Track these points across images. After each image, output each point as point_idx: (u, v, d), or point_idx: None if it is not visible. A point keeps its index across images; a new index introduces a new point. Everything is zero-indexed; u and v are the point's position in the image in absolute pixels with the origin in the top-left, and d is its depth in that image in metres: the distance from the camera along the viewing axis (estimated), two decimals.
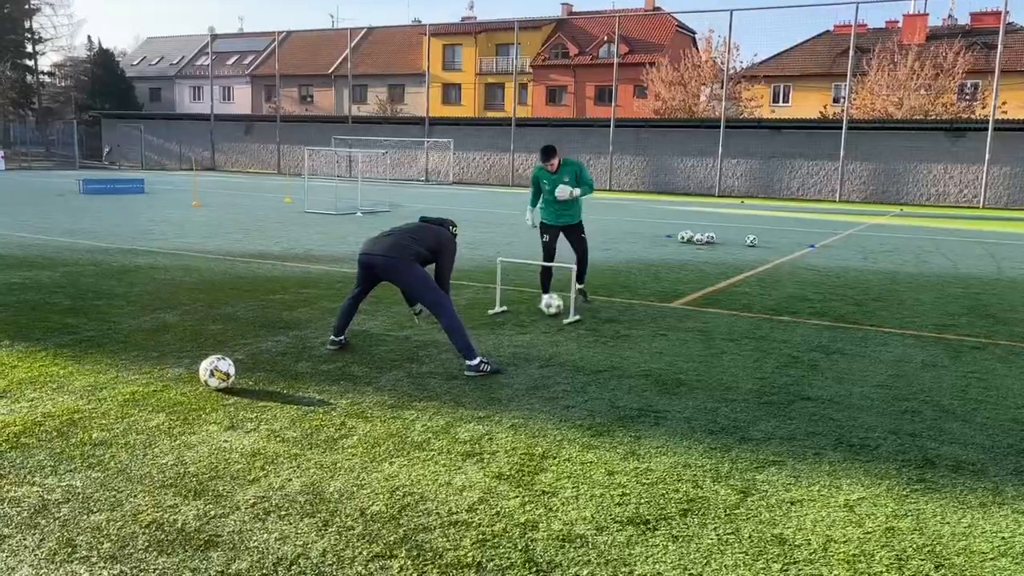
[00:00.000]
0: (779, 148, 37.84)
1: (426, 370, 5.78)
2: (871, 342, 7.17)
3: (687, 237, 15.58)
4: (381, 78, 62.79)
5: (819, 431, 4.75)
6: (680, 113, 45.66)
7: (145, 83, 72.63)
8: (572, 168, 8.04)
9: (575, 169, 8.04)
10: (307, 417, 4.68)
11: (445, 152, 44.40)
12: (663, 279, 10.62)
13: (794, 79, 51.73)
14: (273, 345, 6.34)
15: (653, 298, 9.10)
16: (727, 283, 10.44)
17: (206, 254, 11.63)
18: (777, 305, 8.88)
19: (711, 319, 8.00)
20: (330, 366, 5.81)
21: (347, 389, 5.26)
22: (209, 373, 5.07)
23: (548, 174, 8.04)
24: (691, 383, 5.67)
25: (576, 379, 5.67)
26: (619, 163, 41.10)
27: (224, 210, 20.19)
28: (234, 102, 68.67)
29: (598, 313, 8.11)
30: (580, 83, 56.44)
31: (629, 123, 41.87)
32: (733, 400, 5.31)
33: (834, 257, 13.87)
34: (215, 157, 52.74)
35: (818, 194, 37.10)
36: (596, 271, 11.02)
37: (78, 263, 10.33)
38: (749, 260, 13.00)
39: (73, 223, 15.56)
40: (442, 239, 6.02)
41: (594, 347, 6.65)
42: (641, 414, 4.95)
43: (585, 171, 8.15)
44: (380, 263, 5.75)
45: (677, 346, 6.78)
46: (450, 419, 4.74)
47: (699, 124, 40.56)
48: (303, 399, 5.02)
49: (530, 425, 4.68)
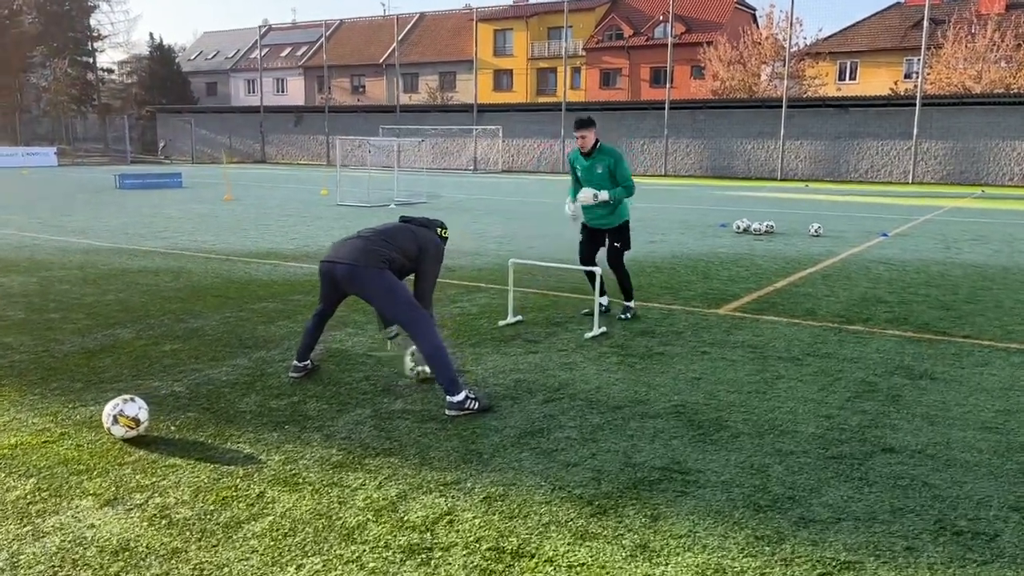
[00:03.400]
0: (846, 128, 35.64)
1: (398, 408, 4.61)
2: (967, 360, 5.75)
3: (743, 227, 14.11)
4: (432, 66, 61.86)
5: (910, 506, 3.44)
6: (739, 93, 43.62)
7: (201, 77, 73.14)
8: (607, 159, 6.60)
9: (610, 160, 6.59)
10: (218, 484, 3.56)
11: (494, 139, 43.23)
12: (712, 278, 9.26)
13: (862, 55, 49.06)
14: (226, 372, 5.26)
15: (698, 302, 7.78)
16: (787, 281, 9.04)
17: (209, 254, 10.68)
18: (847, 310, 7.47)
19: (766, 330, 6.65)
20: (282, 401, 4.69)
21: (289, 438, 4.13)
22: (112, 419, 4.00)
23: (582, 159, 6.72)
24: (735, 425, 4.39)
25: (586, 420, 4.44)
26: (675, 147, 39.39)
27: (254, 204, 19.38)
28: (287, 94, 68.63)
29: (630, 323, 6.83)
30: (635, 65, 54.57)
31: (685, 105, 40.07)
32: (790, 452, 4.02)
33: (911, 248, 12.27)
34: (265, 149, 52.57)
35: (889, 176, 34.86)
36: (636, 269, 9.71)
37: (65, 266, 9.47)
38: (813, 253, 11.51)
39: (91, 221, 14.85)
40: (425, 243, 4.82)
41: (617, 371, 5.40)
42: (664, 476, 3.71)
43: (623, 164, 6.64)
44: (341, 272, 4.59)
45: (721, 369, 5.48)
46: (405, 487, 3.57)
47: (759, 104, 38.54)
48: (226, 455, 3.91)
49: (510, 497, 3.48)
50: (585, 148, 6.61)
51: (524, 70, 58.45)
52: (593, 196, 6.54)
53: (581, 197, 6.58)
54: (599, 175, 6.61)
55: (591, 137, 6.56)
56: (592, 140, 6.59)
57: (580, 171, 6.73)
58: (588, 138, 6.55)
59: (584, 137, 6.54)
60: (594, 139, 6.60)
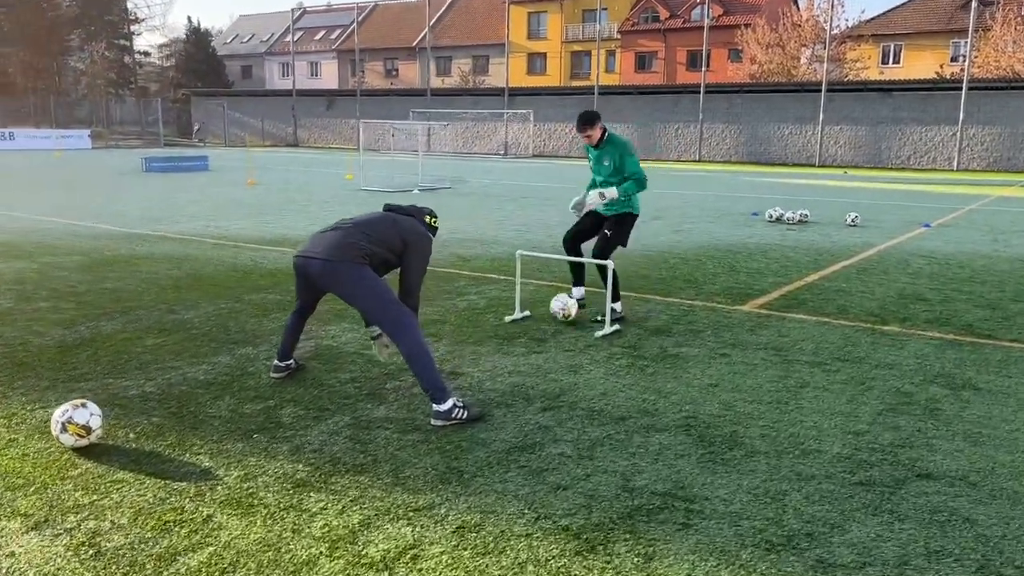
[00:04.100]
0: (888, 113, 34.52)
1: (381, 415, 4.22)
2: (1015, 369, 5.21)
3: (776, 216, 13.50)
4: (465, 49, 61.32)
5: (948, 547, 2.97)
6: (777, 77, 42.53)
7: (237, 61, 73.34)
8: (614, 151, 6.09)
9: (618, 153, 6.08)
10: (163, 505, 3.20)
11: (525, 124, 42.68)
12: (739, 270, 8.74)
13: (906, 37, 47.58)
14: (205, 370, 4.91)
15: (721, 298, 7.29)
16: (819, 275, 8.49)
17: (219, 240, 10.39)
18: (882, 308, 6.93)
19: (792, 329, 6.15)
20: (257, 406, 4.32)
21: (254, 449, 3.76)
22: (60, 427, 3.66)
23: (592, 150, 6.26)
24: (751, 442, 3.93)
25: (585, 433, 4.01)
26: (710, 131, 38.53)
27: (276, 188, 19.13)
28: (321, 78, 68.53)
29: (645, 321, 6.37)
30: (671, 48, 53.53)
31: (721, 88, 39.15)
32: (811, 476, 3.55)
33: (954, 239, 11.60)
34: (297, 133, 52.53)
35: (932, 163, 33.73)
36: (658, 260, 9.24)
37: (70, 252, 9.23)
38: (849, 244, 10.91)
39: (110, 204, 14.68)
40: (410, 235, 4.40)
41: (625, 376, 4.95)
42: (665, 504, 3.27)
43: (630, 158, 6.08)
44: (315, 268, 4.18)
45: (741, 374, 5.01)
46: (371, 512, 3.17)
47: (797, 88, 37.52)
48: (181, 468, 3.54)
49: (487, 527, 3.07)
50: (592, 143, 6.15)
51: (558, 53, 57.66)
52: (600, 196, 6.00)
53: (590, 202, 6.06)
54: (606, 168, 6.14)
55: (596, 133, 6.07)
56: (598, 135, 6.09)
57: (591, 161, 6.27)
58: (593, 136, 6.07)
59: (589, 136, 6.07)
60: (600, 132, 6.10)
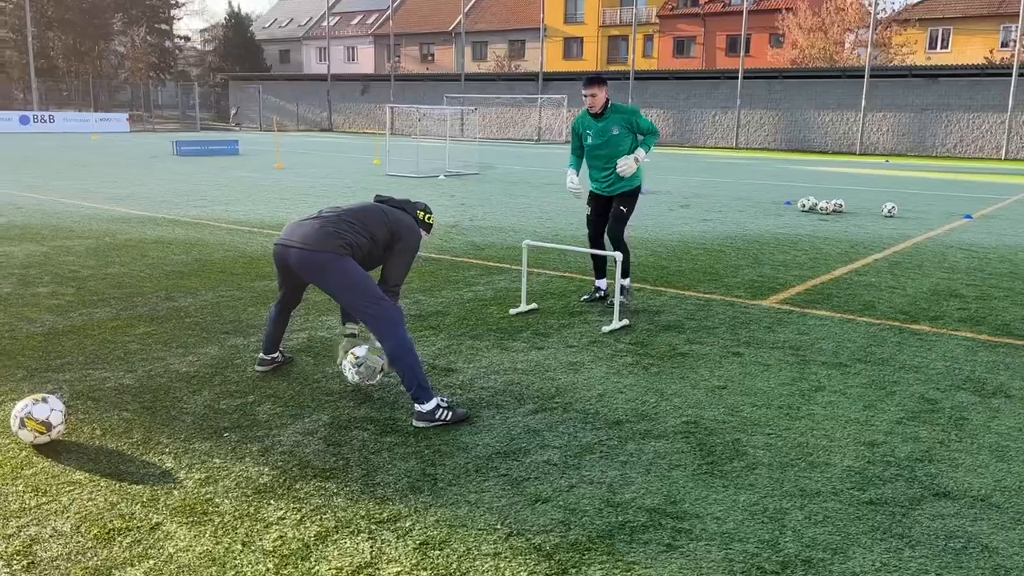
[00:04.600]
0: (934, 99, 33.48)
1: (361, 414, 4.00)
2: None
3: (809, 205, 13.04)
4: (501, 34, 60.86)
5: None
6: (819, 63, 41.50)
7: (275, 45, 73.65)
8: (623, 117, 5.88)
9: (626, 119, 5.87)
10: (112, 511, 3.00)
11: (559, 109, 42.23)
12: (764, 262, 8.37)
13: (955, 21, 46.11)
14: (190, 362, 4.73)
15: (741, 291, 6.95)
16: (848, 268, 8.10)
17: (233, 224, 10.26)
18: (913, 305, 6.55)
19: (813, 327, 5.81)
20: (234, 401, 4.13)
21: (222, 449, 3.56)
22: (19, 423, 3.49)
23: (592, 122, 5.97)
24: (754, 452, 3.64)
25: (575, 439, 3.75)
26: (748, 118, 37.75)
27: (302, 173, 19.04)
28: (357, 62, 68.53)
29: (657, 316, 6.07)
30: (710, 33, 52.55)
31: (760, 74, 38.31)
32: (816, 493, 3.25)
33: (996, 232, 11.07)
34: (332, 118, 52.61)
35: (979, 151, 32.67)
36: (679, 251, 8.90)
37: (83, 236, 9.16)
38: (883, 235, 10.45)
39: (134, 187, 14.67)
40: (399, 228, 4.15)
41: (628, 375, 4.67)
42: (651, 522, 3.00)
43: (641, 117, 5.94)
44: (294, 257, 3.96)
45: (752, 375, 4.70)
46: (332, 523, 2.95)
47: (839, 74, 36.55)
48: (141, 469, 3.35)
49: (453, 543, 2.83)
50: (595, 108, 5.87)
51: (595, 38, 56.97)
52: (635, 161, 5.79)
53: (622, 167, 5.80)
54: (616, 137, 5.86)
55: (602, 96, 5.81)
56: (603, 99, 5.84)
57: (591, 136, 5.96)
58: (599, 96, 5.80)
59: (594, 95, 5.79)
60: (604, 98, 5.84)
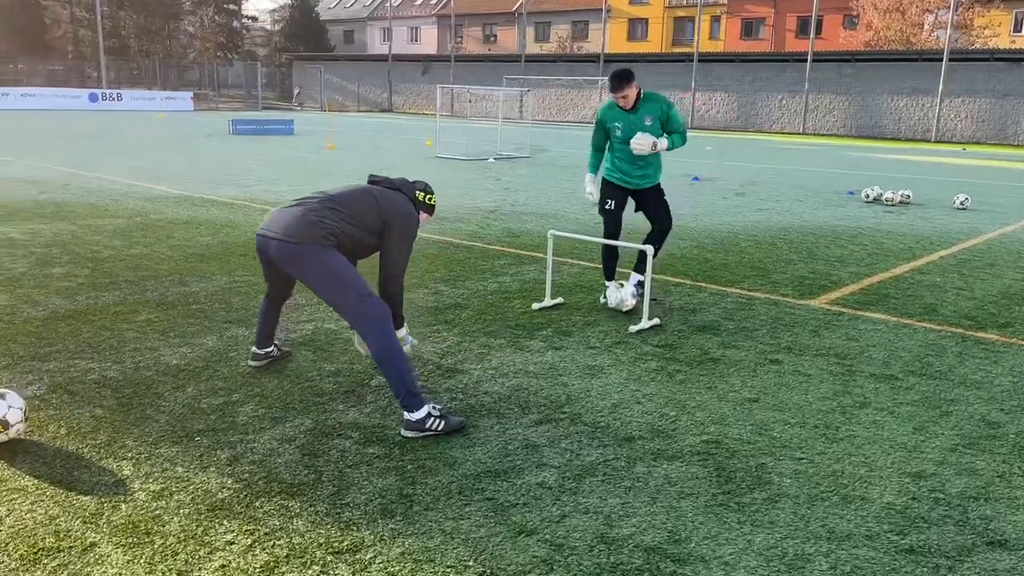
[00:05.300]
0: (1017, 84, 31.73)
1: (349, 420, 3.67)
2: None
3: (874, 195, 12.29)
4: (565, 15, 59.97)
5: None
6: (896, 45, 39.74)
7: (340, 26, 74.08)
8: (656, 106, 5.39)
9: (661, 108, 5.40)
10: (49, 526, 2.73)
11: None
12: (817, 257, 7.79)
13: None
14: (183, 354, 4.47)
15: (789, 289, 6.42)
16: (909, 266, 7.47)
17: (268, 205, 10.07)
18: (980, 309, 5.94)
19: (865, 332, 5.28)
20: (216, 400, 3.84)
21: (187, 455, 3.26)
22: None
23: (622, 114, 5.49)
24: (779, 480, 3.19)
25: (577, 457, 3.35)
26: (816, 103, 36.41)
27: (353, 153, 18.88)
28: (420, 43, 68.46)
29: (693, 314, 5.61)
30: (780, 14, 50.83)
31: (831, 57, 36.85)
32: (846, 536, 2.80)
33: None
34: (392, 98, 52.66)
35: None
36: (727, 243, 8.37)
37: (115, 215, 9.06)
38: (952, 230, 9.72)
39: (181, 166, 14.67)
40: (391, 212, 3.79)
41: (649, 383, 4.24)
42: (648, 565, 2.59)
43: (675, 111, 5.47)
44: (274, 250, 3.63)
45: (789, 387, 4.23)
46: (283, 551, 2.62)
47: (915, 57, 34.90)
48: (95, 477, 3.07)
49: None
50: (628, 106, 5.40)
51: (660, 18, 55.69)
52: (653, 144, 5.29)
53: (636, 143, 5.31)
54: (648, 128, 5.37)
55: (633, 93, 5.34)
56: (635, 95, 5.36)
57: (620, 130, 5.48)
58: (630, 96, 5.34)
59: (625, 96, 5.33)
60: (636, 92, 5.37)
